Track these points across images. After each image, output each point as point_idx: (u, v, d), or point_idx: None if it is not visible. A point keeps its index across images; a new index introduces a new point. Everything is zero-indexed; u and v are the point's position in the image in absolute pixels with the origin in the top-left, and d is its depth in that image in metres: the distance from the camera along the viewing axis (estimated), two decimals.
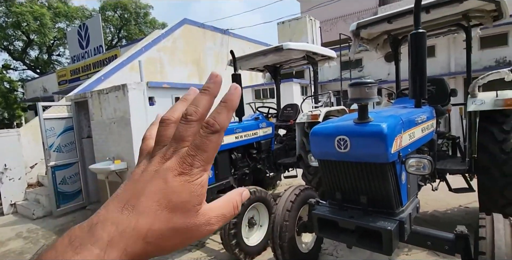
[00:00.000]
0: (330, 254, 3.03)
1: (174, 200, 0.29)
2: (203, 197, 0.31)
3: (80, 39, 12.91)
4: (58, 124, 5.07)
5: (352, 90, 1.87)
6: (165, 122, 0.34)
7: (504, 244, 1.60)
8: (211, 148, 0.30)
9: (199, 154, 0.30)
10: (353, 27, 3.66)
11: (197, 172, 0.30)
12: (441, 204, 4.22)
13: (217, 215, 0.32)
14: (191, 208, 0.30)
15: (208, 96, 0.32)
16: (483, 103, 3.04)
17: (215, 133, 0.30)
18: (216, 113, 0.31)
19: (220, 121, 0.31)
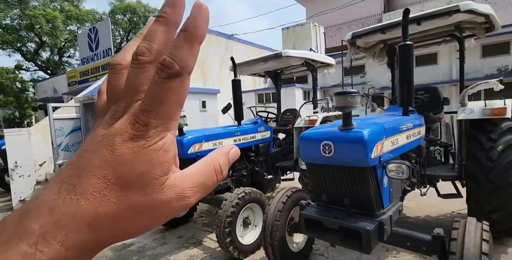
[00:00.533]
0: (321, 255, 3.15)
1: (126, 173, 0.23)
2: (168, 164, 0.25)
3: (90, 41, 13.29)
4: (67, 125, 5.30)
5: (336, 99, 2.02)
6: (114, 69, 0.27)
7: (473, 245, 1.71)
8: (172, 98, 0.24)
9: (156, 107, 0.23)
10: (349, 36, 3.81)
11: (155, 133, 0.24)
12: (434, 209, 4.31)
13: (193, 185, 0.26)
14: (152, 180, 0.24)
15: (164, 26, 0.24)
16: (472, 112, 3.15)
17: (175, 76, 0.23)
18: (174, 48, 0.23)
19: (180, 59, 0.23)
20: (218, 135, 3.79)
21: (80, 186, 0.23)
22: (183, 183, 0.25)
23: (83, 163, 0.24)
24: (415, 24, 3.23)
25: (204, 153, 3.50)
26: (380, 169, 2.08)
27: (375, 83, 9.95)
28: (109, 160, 0.23)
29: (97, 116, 0.29)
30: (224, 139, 3.83)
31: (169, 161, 0.25)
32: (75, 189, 0.23)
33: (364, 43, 4.21)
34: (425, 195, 3.22)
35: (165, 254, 3.37)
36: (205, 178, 0.27)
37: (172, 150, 0.25)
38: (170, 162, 0.25)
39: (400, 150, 2.37)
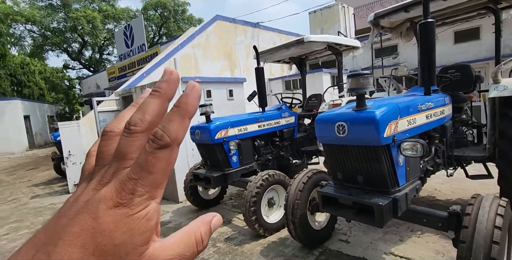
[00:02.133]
0: (344, 234, 3.27)
1: (105, 242, 0.22)
2: (149, 233, 0.24)
3: (125, 38, 14.11)
4: (109, 116, 5.85)
5: (350, 81, 2.09)
6: (107, 135, 0.28)
7: (486, 219, 1.73)
8: (159, 168, 0.24)
9: (143, 176, 0.24)
10: (371, 17, 3.72)
11: (139, 202, 0.24)
12: (468, 192, 4.16)
13: (171, 256, 0.25)
14: (131, 250, 0.23)
15: (158, 99, 0.26)
16: (506, 89, 2.98)
17: (165, 147, 0.24)
18: (166, 121, 0.25)
19: (171, 132, 0.25)
20: (243, 121, 3.98)
21: (55, 256, 0.21)
22: (162, 253, 0.25)
23: (61, 229, 0.23)
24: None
25: (229, 138, 3.73)
26: (395, 147, 2.12)
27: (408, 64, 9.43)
28: (89, 229, 0.22)
29: (81, 179, 0.29)
30: (248, 125, 4.02)
31: (151, 229, 0.24)
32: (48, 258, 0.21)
33: (389, 23, 4.07)
34: (452, 176, 3.16)
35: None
36: (185, 248, 0.26)
37: (154, 218, 0.25)
38: (151, 231, 0.24)
39: (418, 129, 2.37)
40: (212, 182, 3.57)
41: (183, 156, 5.00)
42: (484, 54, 8.49)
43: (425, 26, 2.59)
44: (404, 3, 3.35)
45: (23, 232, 4.27)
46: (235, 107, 5.88)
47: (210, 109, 3.65)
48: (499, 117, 3.05)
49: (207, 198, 4.50)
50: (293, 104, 5.29)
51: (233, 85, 5.97)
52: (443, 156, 2.97)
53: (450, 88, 3.41)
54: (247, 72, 9.56)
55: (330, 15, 12.01)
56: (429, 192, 4.28)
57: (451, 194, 4.17)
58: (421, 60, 2.67)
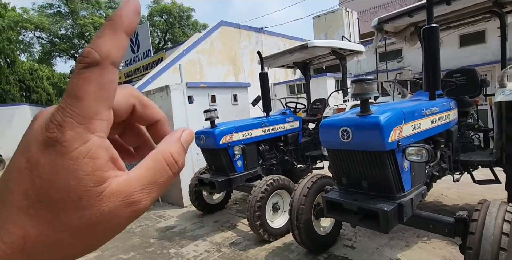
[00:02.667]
0: (349, 239, 3.24)
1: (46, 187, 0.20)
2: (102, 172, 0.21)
3: (131, 44, 14.31)
4: None
5: (353, 86, 2.10)
6: None
7: (493, 225, 1.71)
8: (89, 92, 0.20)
9: (71, 103, 0.20)
10: (375, 22, 3.74)
11: (73, 136, 0.20)
12: (476, 198, 4.09)
13: (141, 186, 0.23)
14: (85, 194, 0.20)
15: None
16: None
17: (93, 65, 0.20)
18: (96, 37, 0.22)
19: (100, 48, 0.21)
20: (247, 126, 4.00)
21: (3, 207, 0.19)
22: (129, 187, 0.22)
23: (5, 177, 0.20)
24: (445, 4, 3.09)
25: (234, 143, 3.74)
26: (399, 153, 2.12)
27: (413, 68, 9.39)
28: (26, 172, 0.20)
29: None
30: (253, 130, 4.04)
31: (101, 167, 0.21)
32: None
33: (393, 28, 4.08)
34: (458, 181, 3.12)
35: (203, 235, 3.72)
36: (157, 175, 0.23)
37: (101, 155, 0.21)
38: (102, 169, 0.21)
39: (423, 134, 2.37)
40: (217, 187, 3.59)
41: (188, 161, 5.03)
42: (490, 58, 8.43)
43: (429, 31, 2.59)
44: (408, 8, 3.37)
45: None
46: (240, 112, 5.92)
47: (215, 114, 3.68)
48: (506, 121, 3.02)
49: (211, 203, 4.51)
50: (297, 109, 5.31)
51: (238, 90, 6.01)
52: (449, 161, 2.95)
53: (455, 92, 3.39)
54: (251, 77, 9.62)
55: (334, 19, 12.07)
56: (436, 197, 4.23)
57: (458, 199, 4.12)
58: (425, 65, 2.67)
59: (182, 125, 4.98)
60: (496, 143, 3.15)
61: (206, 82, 5.64)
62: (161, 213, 4.74)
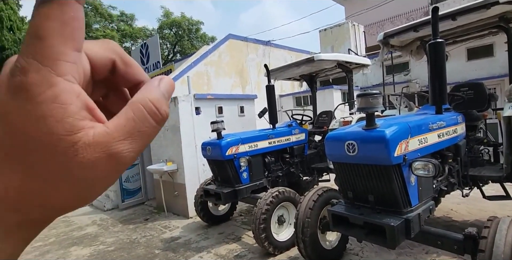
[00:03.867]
0: (356, 254, 3.18)
1: (19, 135, 0.19)
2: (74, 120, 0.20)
3: (141, 56, 14.69)
4: None
5: (359, 100, 2.12)
6: None
7: (503, 243, 1.67)
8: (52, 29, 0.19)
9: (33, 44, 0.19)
10: (381, 37, 3.80)
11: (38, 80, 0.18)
12: (486, 214, 3.99)
13: (122, 136, 0.21)
14: (58, 142, 0.19)
15: None
16: None
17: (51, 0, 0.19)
18: None
19: None
20: (253, 137, 4.03)
21: None
22: (108, 137, 0.21)
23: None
24: (450, 19, 3.14)
25: (240, 154, 3.76)
26: (406, 167, 2.11)
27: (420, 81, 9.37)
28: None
29: None
30: (259, 142, 4.07)
31: (74, 115, 0.20)
32: None
33: (399, 42, 4.13)
34: (467, 196, 3.06)
35: (208, 247, 3.69)
36: (138, 123, 0.22)
37: (73, 101, 0.20)
38: (75, 116, 0.20)
39: (430, 149, 2.36)
40: (222, 198, 3.59)
41: (194, 172, 5.06)
42: (498, 71, 8.38)
43: (434, 46, 2.63)
44: (414, 23, 3.42)
45: (37, 245, 4.33)
46: (246, 123, 5.96)
47: (222, 126, 3.73)
48: None
49: (217, 214, 4.49)
50: (303, 121, 5.33)
51: (244, 102, 6.08)
52: (457, 176, 2.91)
53: (463, 106, 3.38)
54: (258, 88, 9.72)
55: (340, 33, 12.24)
56: (445, 213, 4.13)
57: (468, 215, 4.02)
58: (431, 79, 2.69)
59: (189, 136, 5.03)
60: (506, 158, 3.10)
61: (213, 94, 5.74)
62: (166, 224, 4.73)
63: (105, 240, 4.26)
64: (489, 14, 3.15)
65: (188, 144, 5.00)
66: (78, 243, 4.25)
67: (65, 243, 4.29)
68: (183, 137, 4.96)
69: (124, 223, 4.98)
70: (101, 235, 4.46)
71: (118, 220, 5.19)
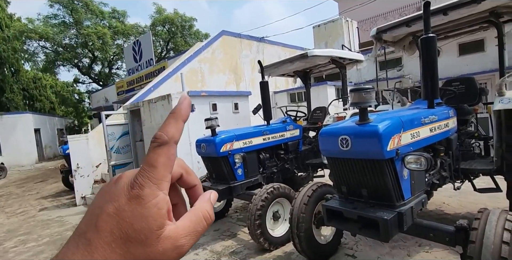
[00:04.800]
0: (350, 248, 3.21)
1: (127, 227, 0.27)
2: (163, 219, 0.29)
3: (134, 53, 14.54)
4: (117, 130, 5.97)
5: (352, 95, 2.13)
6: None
7: (493, 234, 1.70)
8: (161, 163, 0.29)
9: (149, 171, 0.29)
10: (373, 32, 3.80)
11: (149, 193, 0.28)
12: (477, 206, 4.06)
13: (186, 233, 0.30)
14: (150, 234, 0.28)
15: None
16: (510, 102, 2.97)
17: (163, 144, 0.30)
18: (164, 124, 0.31)
19: (168, 132, 0.30)
20: (247, 134, 4.03)
21: (94, 240, 0.27)
22: (177, 234, 0.30)
23: (94, 219, 0.28)
24: (442, 14, 3.15)
25: (234, 151, 3.76)
26: (399, 161, 2.13)
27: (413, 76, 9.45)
28: (114, 216, 0.27)
29: None
30: (253, 138, 4.06)
31: (163, 216, 0.29)
32: (90, 243, 0.27)
33: (391, 37, 4.14)
34: (459, 189, 3.11)
35: (203, 244, 3.69)
36: (196, 225, 0.32)
37: (164, 206, 0.29)
38: (163, 217, 0.29)
39: (422, 143, 2.38)
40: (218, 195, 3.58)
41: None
42: (490, 66, 8.49)
43: (426, 41, 2.64)
44: (406, 18, 3.43)
45: (31, 245, 4.29)
46: (240, 120, 5.96)
47: (216, 123, 3.71)
48: (506, 130, 3.03)
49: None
50: (297, 117, 5.33)
51: (238, 98, 6.07)
52: (449, 169, 2.94)
53: (454, 101, 3.42)
54: (252, 85, 9.70)
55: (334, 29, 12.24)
56: (438, 206, 4.20)
57: (460, 208, 4.09)
58: (423, 74, 2.71)
59: (183, 133, 5.00)
60: (496, 151, 3.15)
61: (207, 91, 5.71)
62: None
63: None
64: (479, 8, 3.17)
65: (182, 141, 4.97)
66: None
67: (59, 243, 4.26)
68: None
69: None
70: None
71: None
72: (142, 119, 5.82)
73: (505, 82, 3.11)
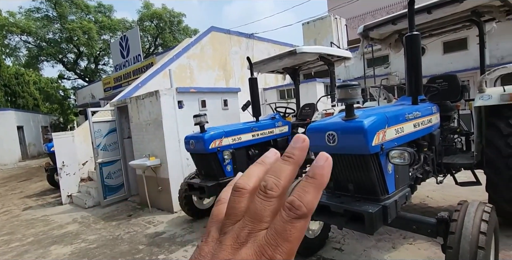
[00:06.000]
0: (337, 242, 3.28)
1: None
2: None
3: (121, 49, 14.24)
4: (104, 127, 5.86)
5: (339, 91, 2.16)
6: (239, 192, 0.29)
7: (471, 225, 1.78)
8: (296, 237, 0.26)
9: (281, 244, 0.25)
10: (360, 29, 3.86)
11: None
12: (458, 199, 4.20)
13: None
14: None
15: (292, 166, 0.29)
16: (490, 98, 3.09)
17: (302, 217, 0.26)
18: (302, 191, 0.27)
19: (308, 203, 0.26)
20: (236, 130, 4.04)
21: None
22: None
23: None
24: (426, 13, 3.22)
25: (223, 147, 3.76)
26: (383, 156, 2.18)
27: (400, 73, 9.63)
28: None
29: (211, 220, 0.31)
30: (242, 134, 4.08)
31: None
32: None
33: (378, 35, 4.21)
34: (441, 183, 3.22)
35: (192, 241, 3.70)
36: None
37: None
38: None
39: (406, 138, 2.44)
40: (207, 191, 3.59)
41: (178, 166, 5.02)
42: (472, 64, 8.73)
43: (410, 39, 2.70)
44: (391, 16, 3.49)
45: (14, 245, 4.19)
46: (230, 117, 5.95)
47: (205, 119, 3.70)
48: (485, 126, 3.15)
49: (202, 208, 4.49)
50: (286, 114, 5.37)
51: (228, 95, 6.05)
52: (432, 164, 3.04)
53: (438, 97, 3.51)
54: (241, 82, 9.69)
55: (323, 26, 12.32)
56: (421, 199, 4.33)
57: (443, 201, 4.22)
58: (408, 71, 2.77)
59: (172, 130, 4.97)
60: (476, 146, 3.27)
61: (196, 87, 5.66)
62: (150, 219, 4.69)
63: (87, 237, 4.18)
64: (462, 7, 3.26)
65: (171, 138, 4.94)
66: (59, 242, 4.14)
67: (45, 242, 4.18)
68: (166, 131, 4.89)
69: (107, 220, 4.90)
70: (82, 233, 4.37)
71: (100, 217, 5.10)
72: (129, 116, 5.74)
73: (485, 79, 3.22)
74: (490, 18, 3.69)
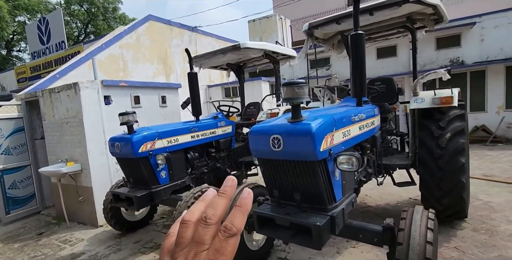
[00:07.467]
0: (283, 250, 3.10)
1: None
2: None
3: (40, 34, 12.20)
4: (7, 125, 4.78)
5: (284, 90, 1.92)
6: (185, 224, 0.36)
7: (418, 234, 1.71)
8: (230, 252, 0.33)
9: (219, 257, 0.32)
10: (306, 27, 3.74)
11: None
12: (393, 197, 4.44)
13: None
14: None
15: (225, 199, 0.37)
16: (423, 102, 3.22)
17: (233, 236, 0.34)
18: (232, 217, 0.35)
19: (236, 225, 0.34)
20: (173, 131, 3.57)
21: None
22: None
23: None
24: (368, 14, 3.22)
25: (157, 151, 3.28)
26: (331, 161, 2.02)
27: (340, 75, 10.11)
28: None
29: (162, 252, 0.37)
30: (180, 136, 3.63)
31: None
32: None
33: (322, 35, 4.17)
34: (382, 184, 3.27)
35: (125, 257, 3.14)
36: None
37: None
38: None
39: (352, 141, 2.34)
40: (135, 203, 3.07)
41: (104, 172, 4.32)
42: (400, 70, 9.59)
43: (355, 38, 2.62)
44: (337, 14, 3.43)
45: None
46: (169, 115, 5.39)
47: (133, 118, 3.17)
48: (419, 127, 3.28)
49: (132, 220, 3.91)
50: (230, 113, 5.05)
51: (167, 91, 5.48)
52: (374, 166, 3.04)
53: (377, 99, 3.58)
54: (184, 77, 9.04)
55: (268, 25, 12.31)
56: (361, 198, 4.45)
57: (380, 200, 4.40)
58: (353, 72, 2.69)
59: (96, 129, 4.24)
60: (411, 147, 3.41)
61: (128, 81, 4.97)
62: (67, 237, 3.92)
63: None
64: (399, 12, 3.35)
65: (95, 139, 4.21)
66: None
67: None
68: (88, 131, 4.15)
69: (7, 241, 3.95)
70: None
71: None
72: (42, 112, 4.77)
73: (419, 83, 3.36)
74: (421, 26, 3.91)
